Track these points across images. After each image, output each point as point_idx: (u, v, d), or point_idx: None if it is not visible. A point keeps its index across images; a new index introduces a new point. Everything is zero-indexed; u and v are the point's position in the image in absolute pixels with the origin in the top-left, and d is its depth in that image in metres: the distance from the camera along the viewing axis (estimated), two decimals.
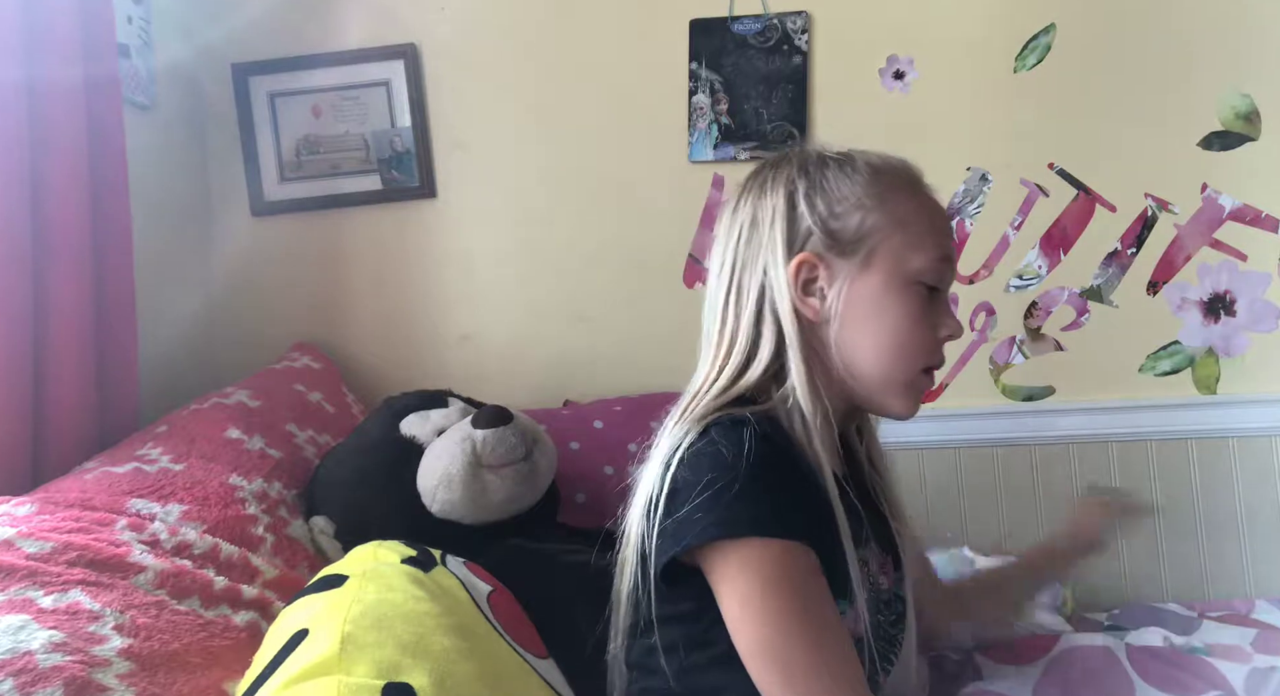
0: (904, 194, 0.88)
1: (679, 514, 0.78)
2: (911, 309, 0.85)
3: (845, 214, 0.86)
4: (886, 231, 0.86)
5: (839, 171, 0.88)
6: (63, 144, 1.24)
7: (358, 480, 1.28)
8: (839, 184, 0.87)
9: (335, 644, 0.74)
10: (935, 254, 0.86)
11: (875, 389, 0.88)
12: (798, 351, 0.85)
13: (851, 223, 0.86)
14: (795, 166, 0.90)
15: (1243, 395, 1.62)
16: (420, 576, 0.88)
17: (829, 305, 0.86)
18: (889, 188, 0.87)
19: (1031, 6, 1.65)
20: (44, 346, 1.21)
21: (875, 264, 0.85)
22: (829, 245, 0.86)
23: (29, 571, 0.84)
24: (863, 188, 0.87)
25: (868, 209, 0.86)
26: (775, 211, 0.88)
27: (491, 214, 1.77)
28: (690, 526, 0.77)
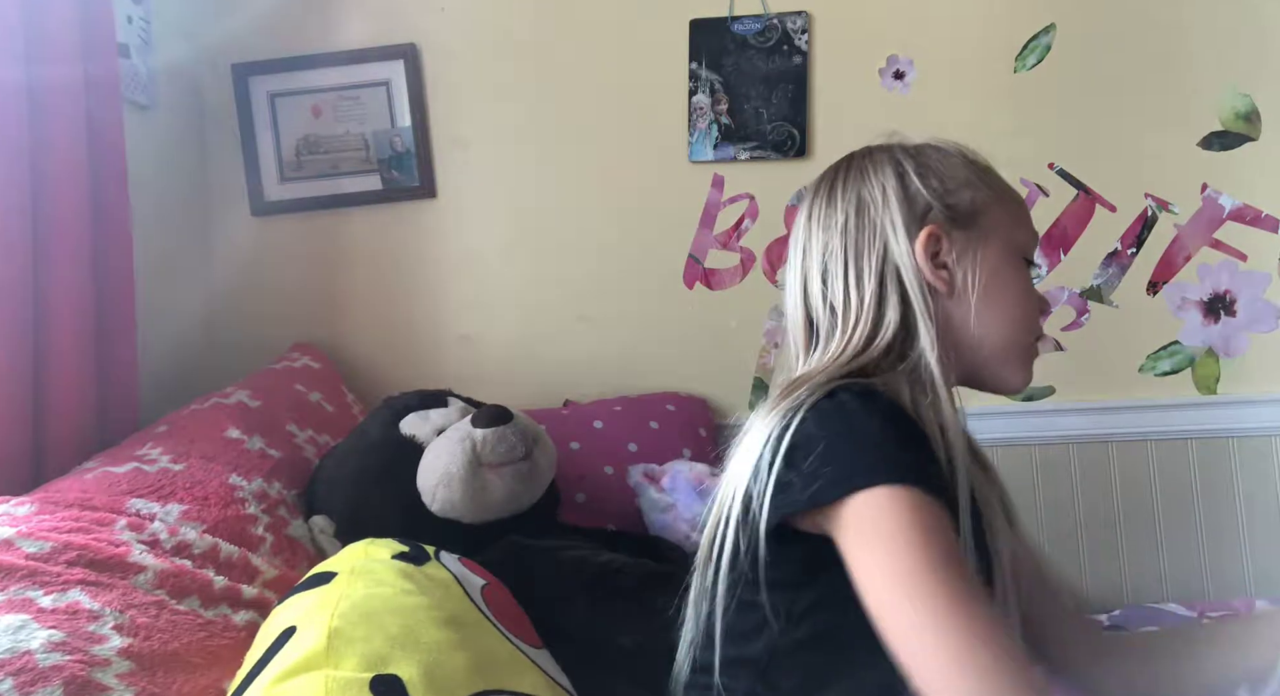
0: (994, 175, 0.94)
1: (804, 467, 0.75)
2: (1024, 280, 0.91)
3: (958, 189, 0.90)
4: (995, 206, 0.90)
5: (937, 154, 0.93)
6: (63, 144, 1.24)
7: (358, 480, 1.28)
8: (943, 163, 0.92)
9: (322, 639, 0.74)
10: (1032, 230, 0.93)
11: (998, 359, 0.90)
12: (929, 322, 0.86)
13: (965, 197, 0.90)
14: (895, 150, 0.93)
15: (1243, 395, 1.62)
16: (410, 570, 0.88)
17: (957, 276, 0.88)
18: (983, 169, 0.93)
19: (1031, 6, 1.65)
20: (44, 346, 1.21)
21: (992, 237, 0.89)
22: (950, 218, 0.89)
23: (29, 571, 0.84)
24: (963, 167, 0.92)
25: (975, 186, 0.90)
26: (887, 191, 0.90)
27: (491, 214, 1.77)
28: (819, 478, 0.74)
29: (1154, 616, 1.37)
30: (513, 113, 1.76)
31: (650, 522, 1.43)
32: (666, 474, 1.46)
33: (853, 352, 0.86)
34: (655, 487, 1.45)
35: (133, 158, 1.40)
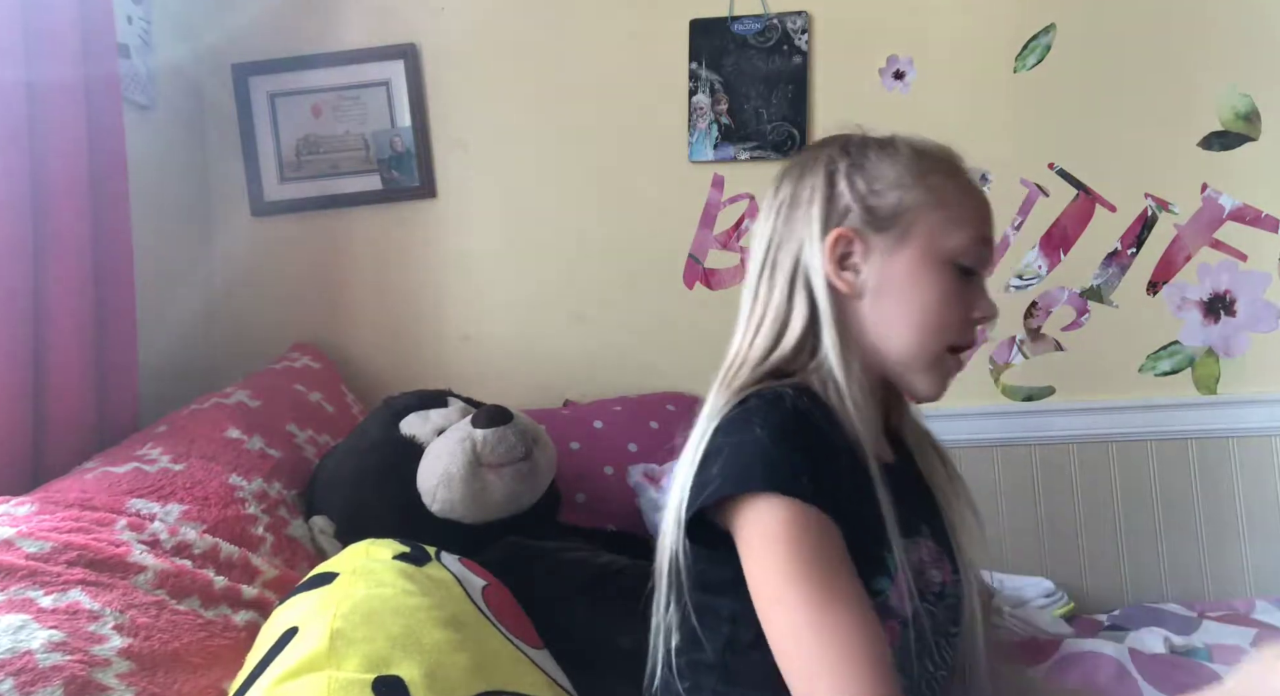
0: (943, 175, 0.89)
1: (712, 471, 0.80)
2: (944, 287, 0.86)
3: (884, 191, 0.88)
4: (924, 210, 0.87)
5: (880, 152, 0.90)
6: (63, 144, 1.24)
7: (358, 480, 1.28)
8: (879, 163, 0.89)
9: (325, 639, 0.74)
10: (971, 234, 0.87)
11: (903, 365, 0.89)
12: (831, 324, 0.86)
13: (890, 200, 0.88)
14: (837, 147, 0.92)
15: (1243, 395, 1.62)
16: (411, 571, 0.88)
17: (863, 279, 0.87)
18: (929, 168, 0.89)
19: (1031, 6, 1.65)
20: (44, 347, 1.21)
21: (911, 240, 0.87)
22: (866, 221, 0.87)
23: (29, 571, 0.84)
24: (903, 167, 0.89)
25: (906, 187, 0.88)
26: (814, 189, 0.90)
27: (491, 214, 1.77)
28: (716, 481, 0.79)
29: (1154, 616, 1.37)
30: (513, 113, 1.76)
31: (650, 522, 1.43)
32: (666, 474, 1.46)
33: (762, 351, 0.88)
34: (655, 487, 1.45)
35: (133, 158, 1.40)
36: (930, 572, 0.87)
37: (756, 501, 0.77)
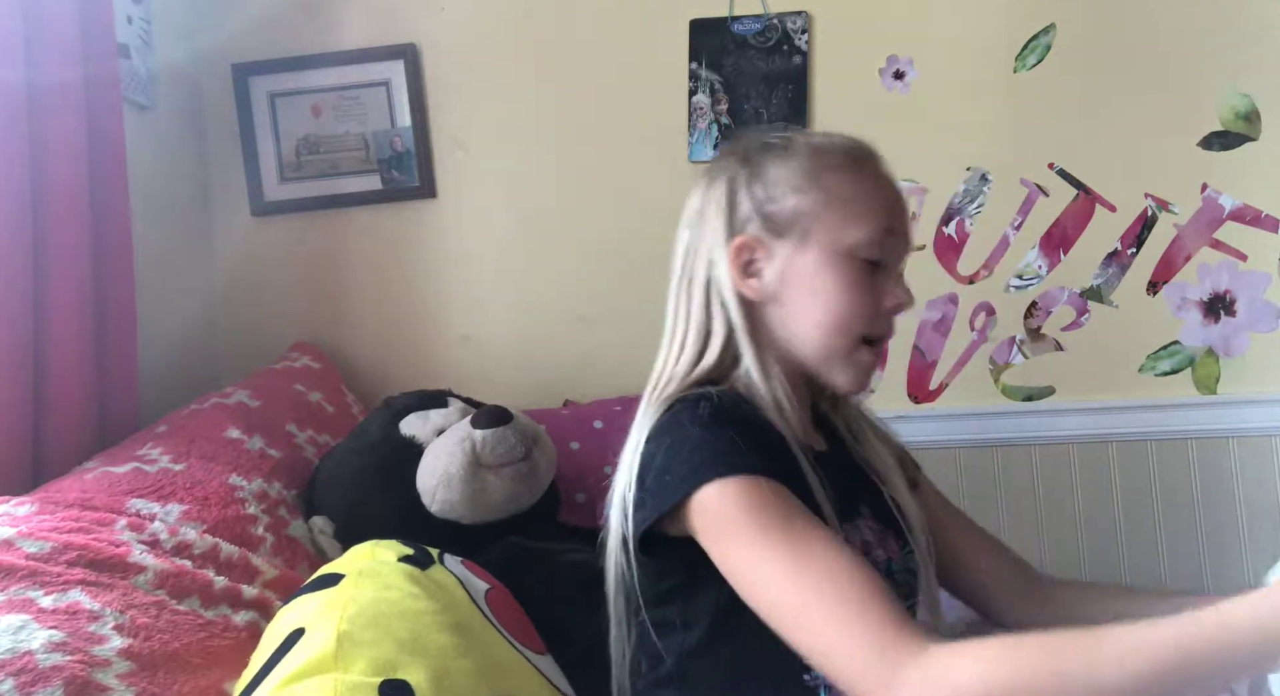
0: (841, 172, 0.90)
1: (649, 485, 0.82)
2: (847, 282, 0.87)
3: (781, 196, 0.89)
4: (820, 209, 0.88)
5: (776, 156, 0.91)
6: (63, 144, 1.24)
7: (357, 480, 1.28)
8: (776, 168, 0.90)
9: (331, 642, 0.74)
10: (873, 227, 0.88)
11: (818, 363, 0.90)
12: (745, 333, 0.88)
13: (787, 204, 0.89)
14: (737, 156, 0.93)
15: (1243, 395, 1.62)
16: (417, 574, 0.88)
17: (768, 284, 0.89)
18: (826, 167, 0.90)
19: (1031, 6, 1.65)
20: (44, 346, 1.21)
21: (811, 241, 0.88)
22: (766, 227, 0.89)
23: (29, 571, 0.84)
24: (799, 169, 0.90)
25: (803, 190, 0.89)
26: (717, 201, 0.92)
27: (491, 214, 1.77)
28: (659, 491, 0.80)
29: None
30: (513, 113, 1.76)
31: None
32: None
33: (688, 364, 0.91)
34: None
35: (133, 158, 1.40)
36: (875, 552, 0.88)
37: (707, 491, 0.78)
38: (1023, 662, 0.65)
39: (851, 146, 0.93)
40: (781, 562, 0.74)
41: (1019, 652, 0.65)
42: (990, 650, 0.66)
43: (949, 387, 1.69)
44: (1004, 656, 0.65)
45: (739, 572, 0.77)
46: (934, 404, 1.69)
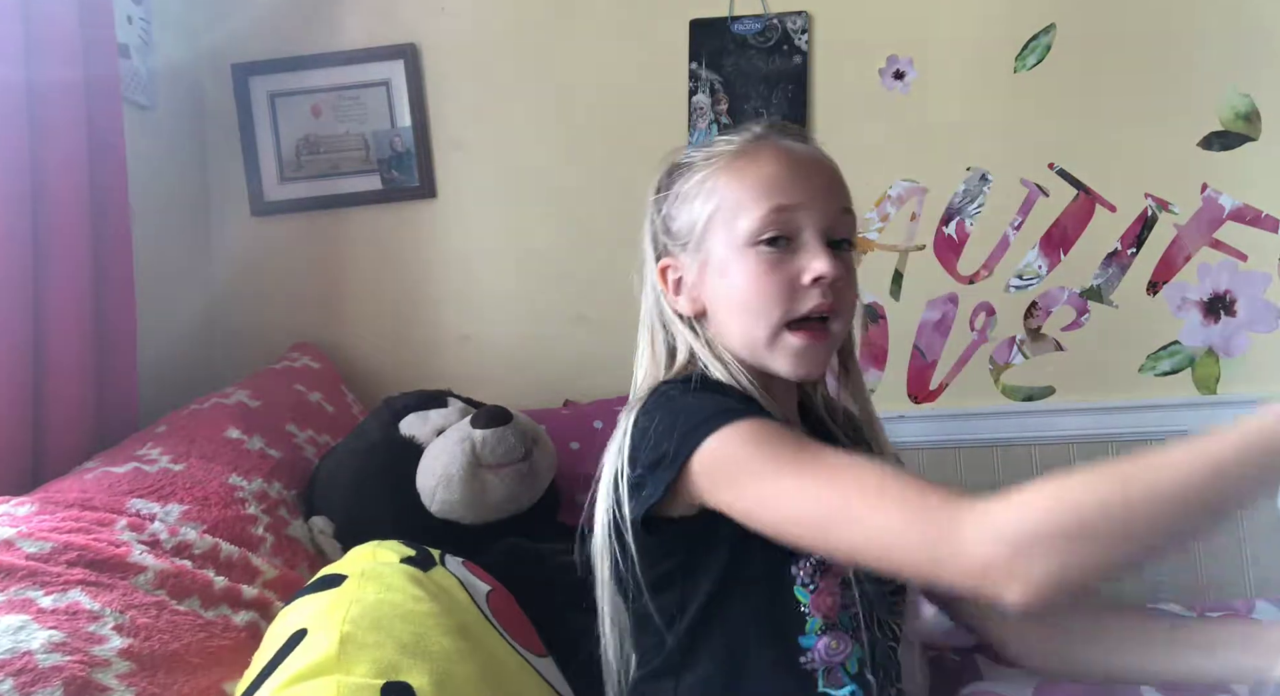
0: (724, 169, 0.90)
1: (644, 461, 0.81)
2: (749, 271, 0.86)
3: (679, 212, 0.92)
4: (708, 211, 0.89)
5: (680, 174, 0.94)
6: (63, 144, 1.24)
7: (357, 480, 1.28)
8: (678, 186, 0.93)
9: (334, 644, 0.74)
10: (761, 210, 0.86)
11: (755, 357, 0.89)
12: (701, 346, 0.90)
13: (682, 217, 0.91)
14: (658, 182, 0.97)
15: (1243, 395, 1.62)
16: (419, 576, 0.88)
17: (693, 297, 0.91)
18: (713, 170, 0.90)
19: (1031, 6, 1.65)
20: (44, 346, 1.21)
21: (709, 244, 0.89)
22: (675, 244, 0.92)
23: (29, 571, 0.84)
24: (691, 181, 0.91)
25: (691, 198, 0.91)
26: (644, 230, 0.97)
27: (491, 214, 1.77)
28: (658, 464, 0.79)
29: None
30: (513, 113, 1.76)
31: None
32: None
33: (664, 370, 0.92)
34: None
35: (133, 158, 1.40)
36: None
37: (709, 444, 0.77)
38: (1069, 498, 0.64)
39: (745, 139, 0.92)
40: (807, 477, 0.73)
41: (1066, 491, 0.65)
42: (1039, 494, 0.65)
43: (949, 388, 1.69)
44: (1054, 495, 0.65)
45: (763, 504, 0.75)
46: (934, 404, 1.69)
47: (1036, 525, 0.63)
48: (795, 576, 0.82)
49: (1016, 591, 0.63)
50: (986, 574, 0.64)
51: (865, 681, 0.83)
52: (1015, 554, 0.63)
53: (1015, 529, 0.64)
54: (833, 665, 0.82)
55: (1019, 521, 0.64)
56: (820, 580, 0.82)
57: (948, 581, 0.66)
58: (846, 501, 0.71)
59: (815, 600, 0.82)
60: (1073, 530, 0.63)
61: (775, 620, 0.81)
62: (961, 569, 0.65)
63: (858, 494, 0.71)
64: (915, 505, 0.68)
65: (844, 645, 0.82)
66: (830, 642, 0.82)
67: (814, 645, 0.82)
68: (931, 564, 0.67)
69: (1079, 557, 0.62)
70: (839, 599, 0.82)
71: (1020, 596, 0.63)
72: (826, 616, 0.82)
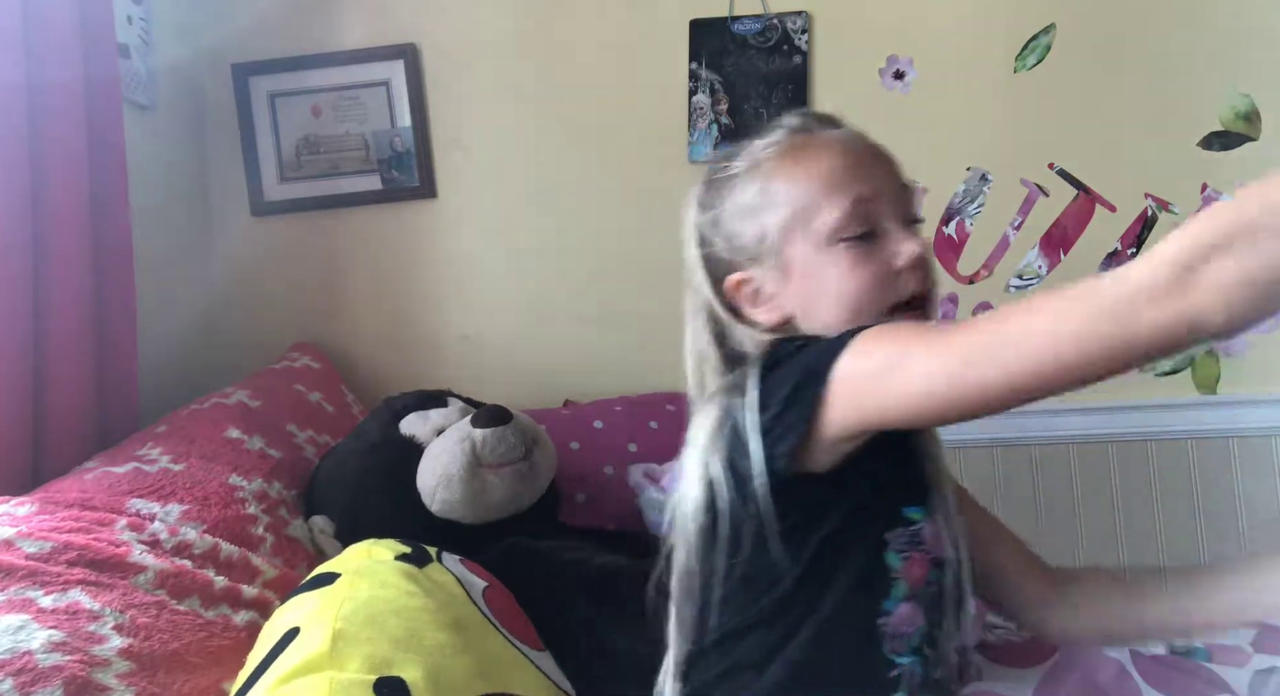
0: (782, 170, 0.87)
1: (776, 405, 0.78)
2: (843, 267, 0.84)
3: (742, 228, 0.88)
4: (778, 220, 0.86)
5: (724, 189, 0.91)
6: (63, 144, 1.24)
7: (357, 480, 1.28)
8: (729, 201, 0.90)
9: (326, 641, 0.74)
10: (840, 206, 0.84)
11: None
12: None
13: (749, 231, 0.88)
14: (697, 201, 0.94)
15: (1243, 395, 1.62)
16: (414, 572, 0.88)
17: (778, 305, 0.88)
18: (767, 175, 0.88)
19: (1031, 6, 1.65)
20: (44, 346, 1.21)
21: (788, 251, 0.86)
22: (745, 260, 0.89)
23: (29, 571, 0.84)
24: (745, 191, 0.88)
25: (754, 211, 0.88)
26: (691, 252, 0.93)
27: (491, 214, 1.77)
28: (798, 398, 0.77)
29: None
30: (513, 113, 1.76)
31: (650, 522, 1.43)
32: (666, 474, 1.46)
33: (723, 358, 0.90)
34: (655, 487, 1.45)
35: (133, 158, 1.40)
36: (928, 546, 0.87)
37: (842, 363, 0.75)
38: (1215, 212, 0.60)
39: (789, 132, 0.90)
40: (959, 329, 0.71)
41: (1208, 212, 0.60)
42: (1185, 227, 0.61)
43: None
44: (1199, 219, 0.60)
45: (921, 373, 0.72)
46: None
47: (1196, 238, 0.59)
48: (890, 542, 0.83)
49: (1214, 303, 0.59)
50: (1175, 299, 0.60)
51: (924, 656, 0.85)
52: (1191, 268, 0.59)
53: (1176, 249, 0.60)
54: (901, 633, 0.83)
55: (1177, 246, 0.60)
56: (913, 551, 0.83)
57: (1144, 338, 0.62)
58: (1005, 320, 0.69)
59: (906, 568, 0.83)
60: (1237, 228, 0.58)
61: (867, 581, 0.82)
62: (1150, 312, 0.61)
63: (1009, 313, 0.69)
64: (1069, 295, 0.66)
65: (918, 617, 0.84)
66: (908, 612, 0.83)
67: (895, 609, 0.83)
68: (1117, 328, 0.63)
69: (1256, 251, 0.57)
70: (925, 570, 0.84)
71: (1221, 308, 0.59)
72: (913, 585, 0.83)
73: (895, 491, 0.85)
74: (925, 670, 0.85)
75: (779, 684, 0.83)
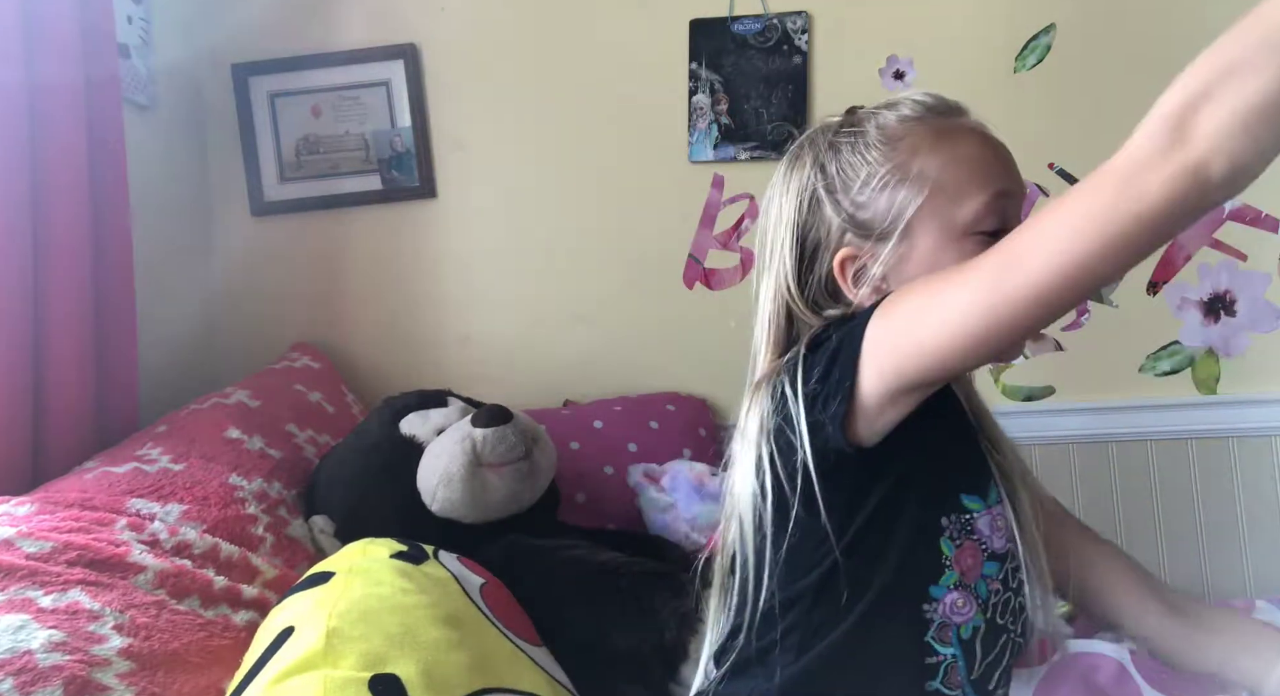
0: (927, 149, 0.83)
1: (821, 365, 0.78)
2: (969, 257, 0.80)
3: (870, 199, 0.83)
4: (919, 197, 0.81)
5: (852, 153, 0.85)
6: (63, 144, 1.24)
7: (358, 479, 1.28)
8: (855, 167, 0.84)
9: (320, 638, 0.74)
10: (983, 198, 0.81)
11: None
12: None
13: (880, 205, 0.83)
14: (810, 162, 0.88)
15: (1243, 395, 1.62)
16: (409, 569, 0.88)
17: (884, 288, 0.83)
18: (909, 150, 0.83)
19: (1031, 6, 1.65)
20: (44, 346, 1.21)
21: (920, 233, 0.82)
22: (863, 234, 0.84)
23: (29, 571, 0.84)
24: (880, 162, 0.83)
25: (892, 184, 0.82)
26: (782, 216, 0.88)
27: (491, 214, 1.77)
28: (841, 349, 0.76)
29: None
30: (513, 113, 1.76)
31: (650, 522, 1.43)
32: (666, 474, 1.46)
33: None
34: (655, 487, 1.45)
35: (133, 158, 1.40)
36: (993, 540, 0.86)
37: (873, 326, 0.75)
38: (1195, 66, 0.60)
39: (929, 115, 0.87)
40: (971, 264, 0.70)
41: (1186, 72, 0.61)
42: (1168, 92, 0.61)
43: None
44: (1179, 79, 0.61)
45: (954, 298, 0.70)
46: None
47: (1183, 90, 0.60)
48: (944, 528, 0.82)
49: (1214, 151, 0.58)
50: (1175, 156, 0.60)
51: (972, 652, 0.82)
52: (1183, 121, 0.59)
53: (1166, 108, 0.60)
54: (949, 623, 0.81)
55: (1167, 104, 0.61)
56: (966, 539, 0.82)
57: (1157, 205, 0.61)
58: (1020, 233, 0.68)
59: (959, 555, 0.81)
60: (1217, 71, 0.58)
61: (917, 563, 0.80)
62: (1154, 176, 0.61)
63: (1024, 226, 0.68)
64: (1077, 188, 0.66)
65: (970, 608, 0.82)
66: (958, 599, 0.81)
67: (942, 597, 0.81)
68: (1128, 202, 0.63)
69: (1243, 89, 0.57)
70: (981, 566, 0.82)
71: (1223, 154, 0.58)
72: (964, 574, 0.81)
73: (952, 475, 0.83)
74: (971, 667, 0.82)
75: (815, 663, 0.82)
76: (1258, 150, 0.58)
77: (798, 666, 0.83)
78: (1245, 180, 0.60)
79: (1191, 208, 0.61)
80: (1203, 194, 0.60)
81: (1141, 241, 0.63)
